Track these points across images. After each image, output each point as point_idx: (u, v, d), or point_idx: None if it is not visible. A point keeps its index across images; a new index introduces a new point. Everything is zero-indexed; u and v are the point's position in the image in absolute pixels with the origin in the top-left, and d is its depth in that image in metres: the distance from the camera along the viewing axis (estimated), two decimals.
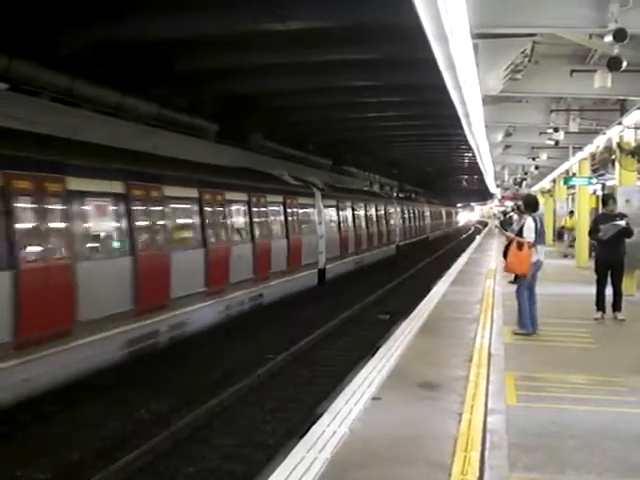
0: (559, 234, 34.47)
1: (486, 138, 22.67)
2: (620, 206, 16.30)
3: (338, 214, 30.40)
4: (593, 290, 14.69)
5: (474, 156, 37.57)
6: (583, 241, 25.79)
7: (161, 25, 17.15)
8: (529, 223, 12.59)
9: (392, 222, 43.45)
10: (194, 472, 9.91)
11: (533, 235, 12.51)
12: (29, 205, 11.33)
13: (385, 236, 40.51)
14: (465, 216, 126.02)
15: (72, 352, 11.69)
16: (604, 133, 19.76)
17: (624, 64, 11.05)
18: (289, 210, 23.62)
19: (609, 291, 14.50)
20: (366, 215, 35.95)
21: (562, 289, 19.24)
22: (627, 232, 14.38)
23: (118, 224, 13.83)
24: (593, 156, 25.86)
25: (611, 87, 13.30)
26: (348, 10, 16.55)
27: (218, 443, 10.97)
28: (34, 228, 11.36)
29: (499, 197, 70.90)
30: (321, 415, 8.02)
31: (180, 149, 19.75)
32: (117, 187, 13.62)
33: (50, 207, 11.73)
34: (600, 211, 17.07)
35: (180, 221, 16.53)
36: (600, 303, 14.42)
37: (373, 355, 11.49)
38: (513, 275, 15.23)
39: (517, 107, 20.52)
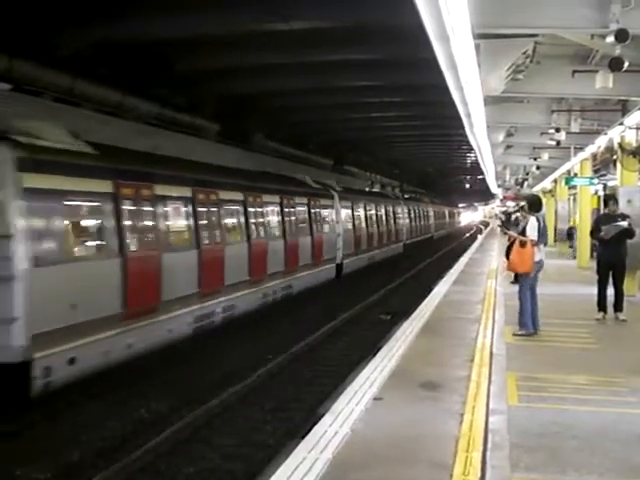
0: (568, 234, 34.42)
1: (487, 138, 22.66)
2: (621, 206, 16.29)
3: (353, 214, 33.03)
4: (594, 290, 14.69)
5: (475, 156, 37.58)
6: (584, 241, 25.78)
7: (161, 25, 17.14)
8: (532, 222, 12.61)
9: (400, 222, 45.81)
10: (194, 472, 9.91)
11: (536, 234, 12.52)
12: (131, 207, 13.97)
13: (394, 235, 43.07)
14: (467, 216, 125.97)
15: (158, 325, 14.32)
16: (605, 133, 19.75)
17: (626, 64, 11.04)
18: (312, 211, 26.39)
19: (610, 291, 14.50)
20: (377, 215, 38.52)
21: (563, 289, 19.23)
22: (629, 233, 14.38)
23: (188, 222, 16.49)
24: (594, 156, 25.83)
25: (612, 87, 13.31)
26: (350, 10, 16.54)
27: (219, 443, 10.97)
28: (134, 225, 13.98)
29: (500, 197, 70.87)
30: (323, 415, 8.01)
31: (212, 155, 22.01)
32: (186, 192, 16.44)
33: (143, 209, 14.47)
34: (602, 211, 17.07)
35: (231, 220, 19.26)
36: (601, 303, 14.42)
37: (375, 355, 11.49)
38: (513, 275, 15.23)
39: (518, 107, 20.52)
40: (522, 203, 20.43)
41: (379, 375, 9.53)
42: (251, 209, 20.25)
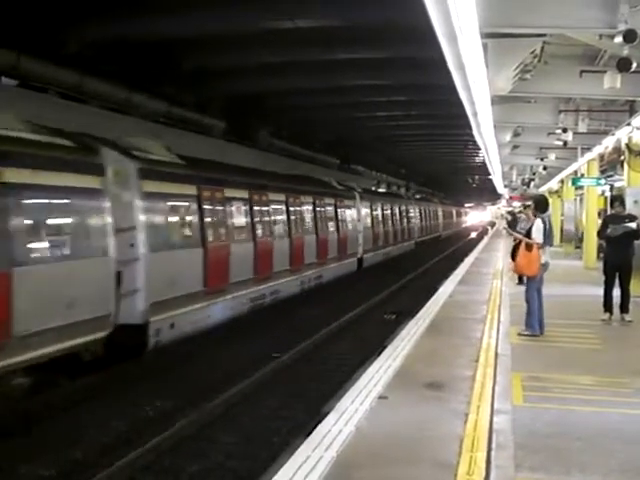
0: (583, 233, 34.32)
1: (494, 138, 22.64)
2: (629, 207, 16.26)
3: (371, 213, 35.83)
4: (601, 291, 14.66)
5: (482, 156, 37.54)
6: (591, 242, 25.75)
7: (168, 23, 17.13)
8: (538, 224, 12.57)
9: (412, 221, 48.99)
10: (198, 470, 9.91)
11: (542, 236, 12.49)
12: (208, 206, 16.89)
13: (407, 233, 46.22)
14: (474, 216, 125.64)
15: (225, 302, 17.30)
16: (613, 134, 19.71)
17: (634, 65, 11.04)
18: (338, 210, 29.40)
19: (617, 292, 14.47)
20: (392, 214, 41.47)
21: (569, 290, 19.21)
22: (636, 234, 14.33)
23: (247, 219, 19.46)
24: (602, 157, 25.77)
25: (620, 88, 13.27)
26: (357, 9, 16.50)
27: (223, 441, 10.97)
28: (211, 221, 17.01)
29: (507, 197, 70.79)
30: (327, 414, 8.01)
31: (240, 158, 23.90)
32: (245, 194, 19.46)
33: (217, 207, 17.47)
34: (609, 212, 17.04)
35: (277, 217, 22.15)
36: (608, 304, 14.39)
37: (379, 354, 11.49)
38: (518, 277, 15.20)
39: (526, 107, 20.48)
40: (528, 203, 20.42)
41: (384, 374, 9.53)
42: (291, 208, 23.33)
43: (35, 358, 11.08)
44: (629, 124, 17.60)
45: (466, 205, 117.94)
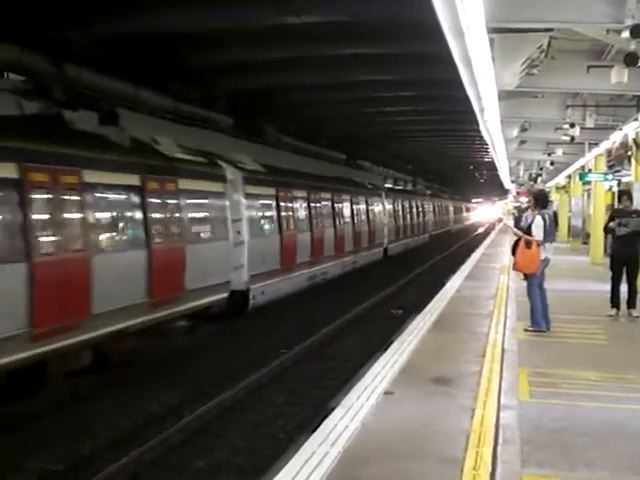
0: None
1: (501, 133, 22.59)
2: (636, 202, 16.21)
3: (394, 208, 41.09)
4: (607, 287, 14.62)
5: (489, 151, 37.48)
6: (598, 237, 25.69)
7: (173, 19, 17.07)
8: (538, 221, 12.51)
9: (427, 217, 54.23)
10: (204, 465, 9.94)
11: (542, 233, 12.45)
12: (284, 204, 22.33)
13: (422, 227, 51.48)
14: (482, 212, 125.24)
15: (292, 279, 22.16)
16: (620, 129, 19.63)
17: None
18: (369, 206, 34.59)
19: (624, 288, 14.43)
20: (411, 210, 46.70)
21: (576, 285, 19.16)
22: None
23: (307, 214, 24.65)
24: (609, 152, 25.72)
25: (628, 83, 13.21)
26: (363, 4, 16.48)
27: (229, 436, 11.00)
28: (284, 215, 22.30)
29: (514, 193, 70.65)
30: (333, 409, 8.02)
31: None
32: (305, 194, 24.66)
33: (289, 204, 22.81)
34: (616, 207, 16.99)
35: (326, 212, 27.07)
36: (614, 300, 14.34)
37: (386, 349, 11.49)
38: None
39: (533, 102, 20.39)
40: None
41: (390, 369, 9.53)
42: (336, 205, 28.50)
43: (194, 307, 15.84)
44: (636, 119, 17.55)
45: (473, 201, 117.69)
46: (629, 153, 20.87)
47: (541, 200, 13.36)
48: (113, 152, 13.73)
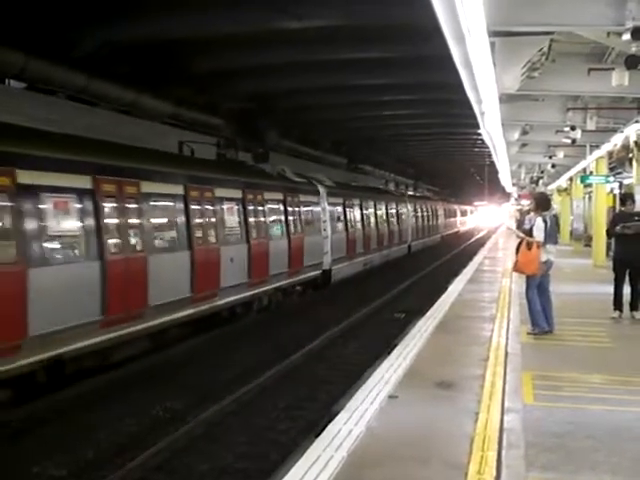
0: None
1: (502, 136, 22.60)
2: (638, 205, 16.20)
3: (415, 211, 48.20)
4: (610, 289, 14.61)
5: (490, 155, 37.50)
6: (600, 240, 25.67)
7: (175, 25, 17.12)
8: (539, 223, 12.53)
9: (439, 219, 60.65)
10: (208, 470, 9.93)
11: (542, 235, 12.46)
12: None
13: (435, 228, 58.06)
14: (484, 216, 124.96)
15: (354, 264, 30.33)
16: (621, 131, 19.66)
17: None
18: (398, 210, 42.00)
19: (627, 290, 14.41)
20: (427, 212, 53.48)
21: (579, 288, 19.13)
22: None
23: (360, 215, 32.79)
24: (610, 154, 25.72)
25: (628, 85, 13.24)
26: (364, 9, 16.50)
27: (233, 441, 10.98)
28: (349, 218, 30.76)
29: (515, 196, 70.63)
30: (337, 413, 8.01)
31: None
32: (358, 201, 33.08)
33: (350, 210, 31.29)
34: (618, 210, 16.97)
35: (365, 213, 33.86)
36: (617, 302, 14.33)
37: (389, 353, 11.48)
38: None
39: (534, 105, 20.41)
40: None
41: (394, 373, 9.52)
42: (378, 210, 36.55)
43: (307, 278, 24.49)
44: (637, 121, 17.57)
45: (476, 204, 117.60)
46: (630, 155, 20.88)
47: (543, 203, 13.37)
48: (268, 179, 22.95)
